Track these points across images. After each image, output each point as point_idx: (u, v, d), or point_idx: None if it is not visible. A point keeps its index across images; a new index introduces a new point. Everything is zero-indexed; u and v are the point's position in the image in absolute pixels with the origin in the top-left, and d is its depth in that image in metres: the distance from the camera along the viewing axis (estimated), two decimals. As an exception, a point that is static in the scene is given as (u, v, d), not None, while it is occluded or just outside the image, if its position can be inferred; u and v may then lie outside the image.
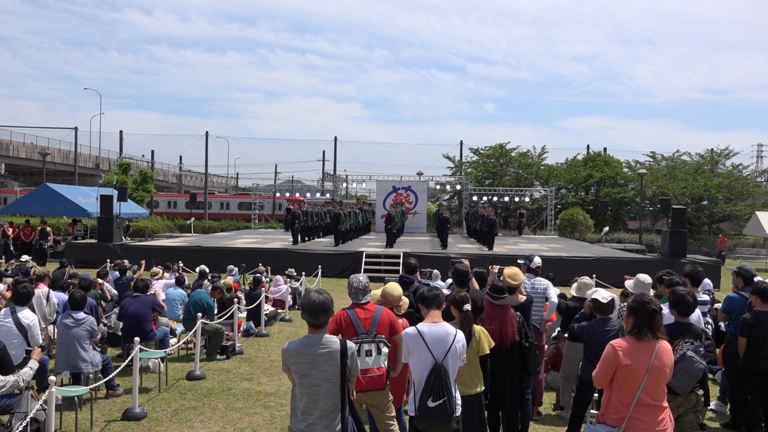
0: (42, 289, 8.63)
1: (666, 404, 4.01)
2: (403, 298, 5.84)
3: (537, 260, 7.40)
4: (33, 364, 5.53)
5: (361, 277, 5.05)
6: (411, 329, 4.51)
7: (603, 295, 5.60)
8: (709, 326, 7.29)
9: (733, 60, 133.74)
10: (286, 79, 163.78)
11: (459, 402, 4.46)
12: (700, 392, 5.02)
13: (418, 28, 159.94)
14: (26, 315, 6.77)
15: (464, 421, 4.73)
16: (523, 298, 6.13)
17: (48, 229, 22.59)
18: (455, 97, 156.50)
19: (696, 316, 5.48)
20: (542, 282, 7.20)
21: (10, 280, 9.98)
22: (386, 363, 4.82)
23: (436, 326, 4.45)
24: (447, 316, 4.88)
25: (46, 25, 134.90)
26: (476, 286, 6.60)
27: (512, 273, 6.03)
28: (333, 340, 3.81)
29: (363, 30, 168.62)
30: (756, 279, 6.88)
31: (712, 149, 42.23)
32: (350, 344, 3.87)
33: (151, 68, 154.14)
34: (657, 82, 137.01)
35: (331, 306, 3.84)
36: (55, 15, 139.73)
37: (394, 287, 5.56)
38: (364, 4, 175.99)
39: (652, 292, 6.60)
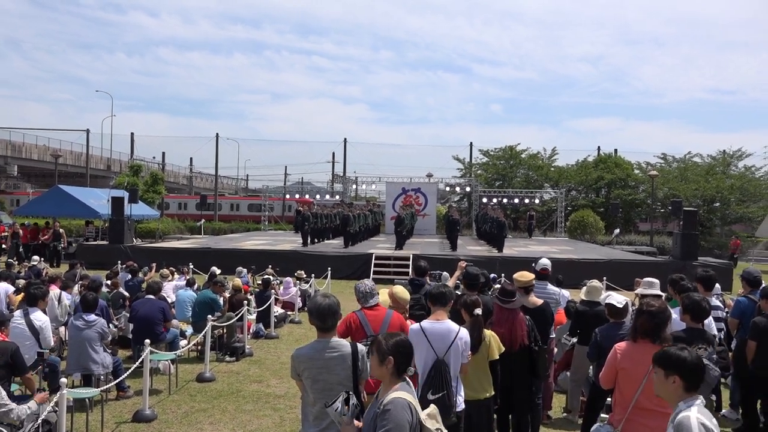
0: (54, 291, 8.69)
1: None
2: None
3: (543, 261, 7.33)
4: (32, 405, 5.32)
5: (367, 282, 5.16)
6: (415, 326, 4.64)
7: (617, 299, 5.57)
8: (722, 332, 7.23)
9: (741, 60, 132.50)
10: (292, 81, 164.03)
11: (462, 398, 4.54)
12: (713, 398, 4.99)
13: (423, 29, 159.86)
14: (38, 317, 6.82)
15: (473, 426, 4.74)
16: (539, 301, 6.11)
17: (61, 230, 22.76)
18: (462, 99, 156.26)
19: (707, 321, 5.43)
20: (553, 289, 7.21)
21: (22, 282, 10.04)
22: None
23: (438, 323, 4.56)
24: (457, 320, 4.88)
25: (54, 27, 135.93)
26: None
27: (521, 273, 6.15)
28: (343, 344, 3.82)
29: (368, 31, 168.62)
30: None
31: (724, 150, 41.93)
32: (360, 347, 3.88)
33: (158, 70, 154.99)
34: (665, 82, 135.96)
35: (338, 309, 3.86)
36: (63, 18, 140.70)
37: (403, 290, 5.57)
38: (368, 6, 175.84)
39: (663, 295, 6.56)
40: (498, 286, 7.48)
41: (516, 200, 36.03)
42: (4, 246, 23.67)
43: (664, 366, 3.09)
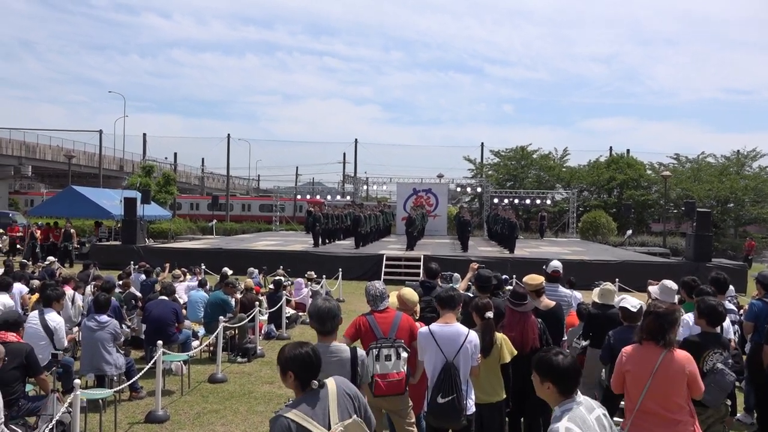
0: (68, 292, 8.76)
1: (685, 418, 3.87)
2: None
3: (554, 264, 7.27)
4: None
5: (378, 284, 5.10)
6: (424, 329, 4.65)
7: (632, 303, 5.52)
8: (736, 335, 7.15)
9: (752, 60, 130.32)
10: (303, 82, 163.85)
11: (472, 401, 4.55)
12: (728, 402, 4.94)
13: (432, 29, 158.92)
14: (52, 317, 6.87)
15: (484, 429, 4.74)
16: (551, 303, 6.08)
17: (72, 230, 22.93)
18: (473, 99, 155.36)
19: (726, 324, 5.37)
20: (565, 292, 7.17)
21: (37, 282, 10.13)
22: (406, 368, 4.83)
23: (447, 326, 4.58)
24: (469, 323, 4.88)
25: (67, 29, 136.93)
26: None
27: (530, 276, 6.11)
28: (343, 349, 3.84)
29: (378, 32, 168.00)
30: None
31: (738, 151, 41.61)
32: (360, 352, 3.90)
33: (171, 72, 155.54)
34: (679, 82, 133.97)
35: (337, 312, 3.88)
36: (75, 19, 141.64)
37: (411, 293, 5.57)
38: (378, 6, 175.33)
39: (676, 298, 6.50)
40: (510, 287, 7.45)
41: (527, 201, 35.89)
42: (19, 246, 23.89)
43: (537, 371, 3.02)
